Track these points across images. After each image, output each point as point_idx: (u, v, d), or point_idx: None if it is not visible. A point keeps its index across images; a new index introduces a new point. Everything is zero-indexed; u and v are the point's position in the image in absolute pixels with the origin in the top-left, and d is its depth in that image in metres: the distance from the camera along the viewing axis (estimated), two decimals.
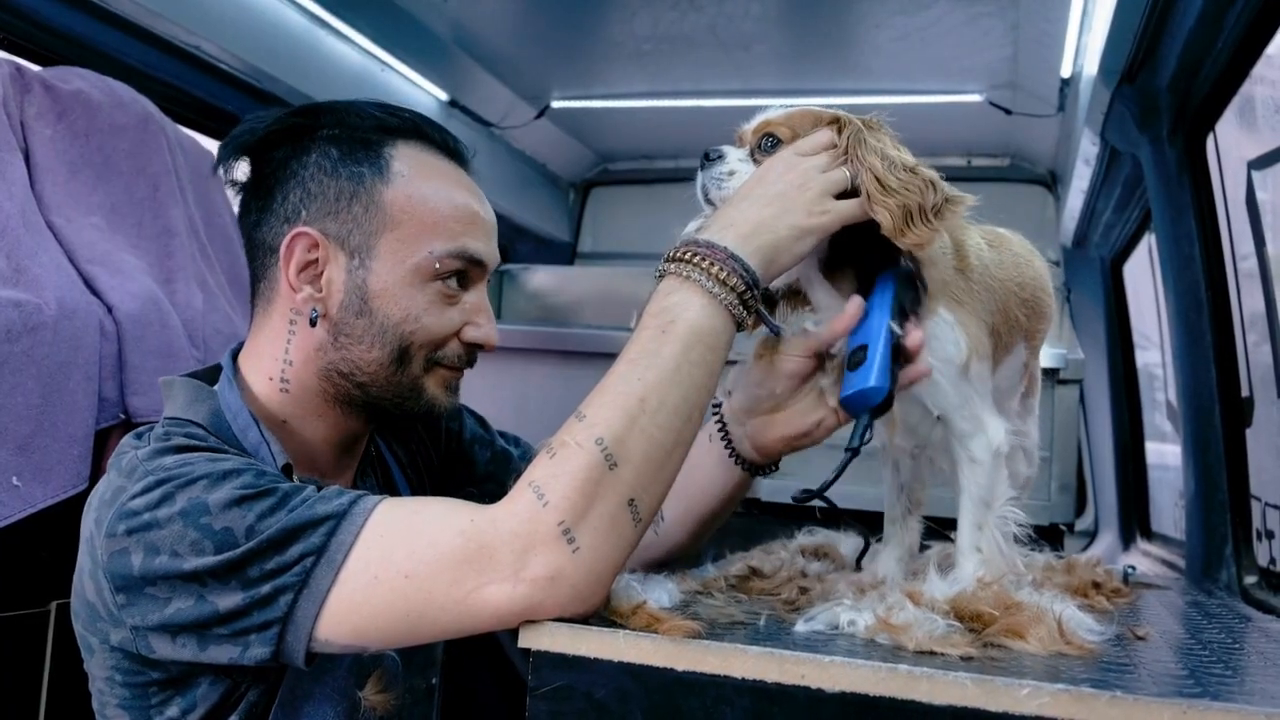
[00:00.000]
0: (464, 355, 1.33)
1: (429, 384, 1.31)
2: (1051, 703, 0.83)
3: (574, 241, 4.05)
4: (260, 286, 1.33)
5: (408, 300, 1.26)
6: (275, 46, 2.40)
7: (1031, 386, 1.47)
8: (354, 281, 1.25)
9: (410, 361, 1.28)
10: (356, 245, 1.25)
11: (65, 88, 1.84)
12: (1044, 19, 2.36)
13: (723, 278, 1.08)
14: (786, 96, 1.31)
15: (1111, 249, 3.06)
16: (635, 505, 1.03)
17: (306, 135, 1.29)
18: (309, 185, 1.27)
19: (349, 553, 1.03)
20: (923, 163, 1.17)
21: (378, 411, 1.33)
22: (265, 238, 1.29)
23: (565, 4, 2.54)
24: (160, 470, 1.10)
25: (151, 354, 1.76)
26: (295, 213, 1.27)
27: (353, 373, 1.27)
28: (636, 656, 0.95)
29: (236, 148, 1.31)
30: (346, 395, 1.30)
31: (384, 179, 1.27)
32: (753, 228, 1.12)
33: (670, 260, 1.12)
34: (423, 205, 1.27)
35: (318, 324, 1.26)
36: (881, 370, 1.15)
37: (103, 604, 1.10)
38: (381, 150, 1.28)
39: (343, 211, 1.26)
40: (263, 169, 1.31)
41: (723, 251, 1.09)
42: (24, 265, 1.59)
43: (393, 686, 1.29)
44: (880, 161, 1.13)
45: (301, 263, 1.26)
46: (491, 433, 1.65)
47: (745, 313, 1.11)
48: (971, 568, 1.14)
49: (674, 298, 1.09)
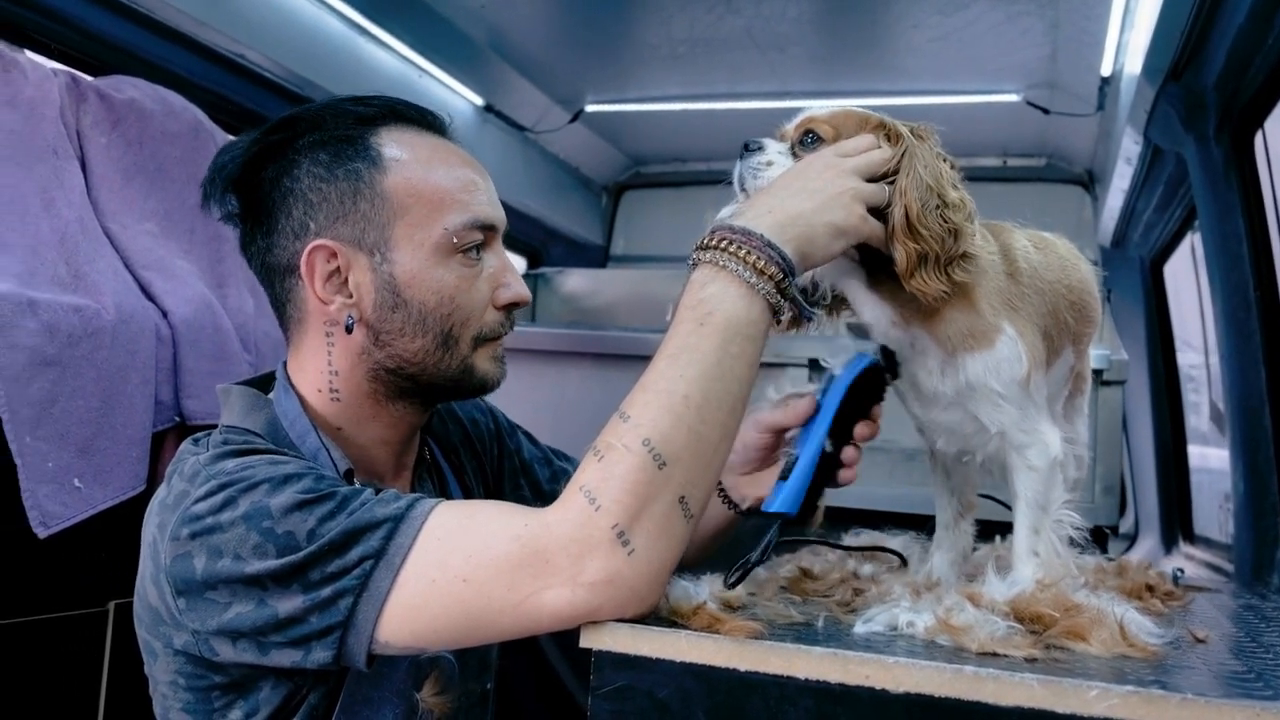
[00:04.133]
0: (504, 321, 1.34)
1: (478, 361, 1.32)
2: (1121, 704, 0.82)
3: (606, 244, 4.06)
4: (287, 310, 1.32)
5: (437, 281, 1.26)
6: (316, 53, 2.43)
7: (1079, 387, 1.46)
8: (381, 278, 1.25)
9: (457, 343, 1.29)
10: (373, 241, 1.25)
11: (119, 96, 1.87)
12: (1084, 17, 2.35)
13: (760, 266, 1.06)
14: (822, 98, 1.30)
15: (1152, 249, 3.03)
16: (685, 502, 1.03)
17: (288, 148, 1.28)
18: (309, 196, 1.26)
19: (407, 556, 1.03)
20: (961, 174, 1.16)
21: (433, 395, 1.34)
22: (279, 260, 1.28)
23: (601, 8, 2.56)
24: (222, 474, 1.10)
25: (205, 358, 1.79)
26: (303, 228, 1.26)
27: (401, 366, 1.28)
28: (699, 657, 0.95)
29: (221, 182, 1.30)
30: (398, 389, 1.30)
31: (380, 168, 1.26)
32: (789, 217, 1.09)
33: (704, 248, 1.09)
34: (425, 184, 1.26)
35: (354, 329, 1.26)
36: (796, 495, 1.19)
37: (165, 608, 1.11)
38: (368, 141, 1.27)
39: (350, 212, 1.25)
40: (254, 195, 1.29)
41: (759, 239, 1.06)
42: (83, 271, 1.62)
43: (449, 689, 1.29)
44: (918, 198, 1.11)
45: (325, 274, 1.25)
46: (544, 449, 1.67)
47: (782, 301, 1.08)
48: (1030, 570, 1.13)
49: (710, 288, 1.07)
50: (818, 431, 1.23)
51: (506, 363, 1.38)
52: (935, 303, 1.12)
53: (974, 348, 1.15)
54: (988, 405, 1.16)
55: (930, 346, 1.17)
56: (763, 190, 1.16)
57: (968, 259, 1.12)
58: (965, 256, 1.12)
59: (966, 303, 1.15)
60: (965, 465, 1.29)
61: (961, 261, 1.11)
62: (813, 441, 1.23)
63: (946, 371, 1.17)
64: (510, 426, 1.65)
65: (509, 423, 1.66)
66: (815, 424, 1.24)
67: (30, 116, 1.71)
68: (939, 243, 1.10)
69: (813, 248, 1.10)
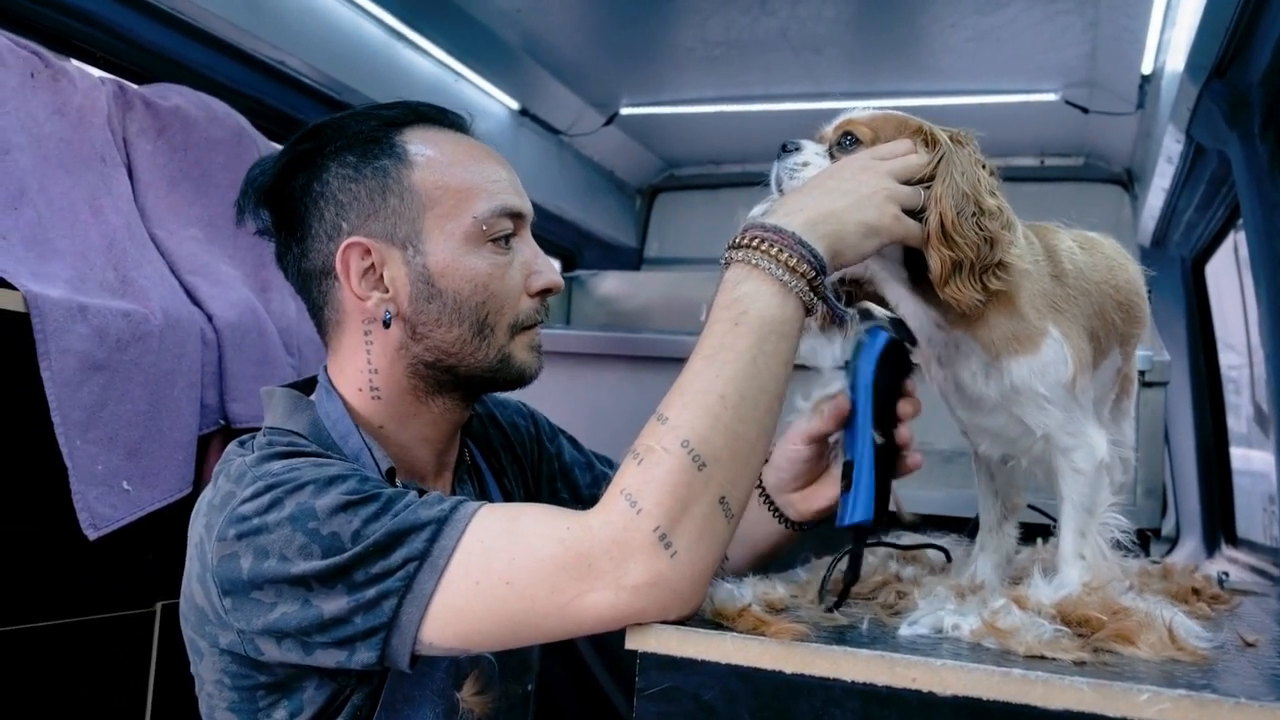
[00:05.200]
0: (539, 308, 1.35)
1: (515, 351, 1.33)
2: (1172, 708, 0.81)
3: (641, 247, 4.07)
4: (325, 314, 1.33)
5: (470, 269, 1.27)
6: (354, 59, 2.46)
7: (1126, 389, 1.45)
8: (415, 270, 1.27)
9: (493, 333, 1.30)
10: (405, 235, 1.27)
11: (164, 104, 1.90)
12: (1125, 15, 2.33)
13: (792, 264, 1.05)
14: (858, 99, 1.29)
15: (1193, 248, 3.00)
16: (726, 502, 1.03)
17: (317, 156, 1.30)
18: (339, 197, 1.28)
19: (451, 558, 1.04)
20: (999, 181, 1.15)
21: (472, 387, 1.35)
22: (315, 264, 1.31)
23: (635, 11, 2.56)
24: (268, 476, 1.12)
25: (250, 361, 1.81)
26: (336, 228, 1.28)
27: (439, 359, 1.29)
28: (745, 659, 0.95)
29: (256, 195, 1.33)
30: (438, 382, 1.31)
31: (406, 164, 1.28)
32: (821, 215, 1.08)
33: (736, 246, 1.09)
34: (451, 177, 1.28)
35: (392, 324, 1.28)
36: (867, 500, 1.13)
37: (211, 608, 1.12)
38: (394, 140, 1.29)
39: (380, 208, 1.27)
40: (286, 205, 1.32)
41: (790, 237, 1.06)
42: (131, 277, 1.64)
43: (490, 688, 1.30)
44: (954, 204, 1.10)
45: (360, 271, 1.27)
46: (586, 454, 1.66)
47: (815, 299, 1.08)
48: (1076, 573, 1.12)
49: (744, 287, 1.07)
50: (863, 427, 1.17)
51: (543, 358, 1.39)
52: (971, 311, 1.11)
53: (1018, 351, 1.13)
54: (1033, 409, 1.15)
55: (974, 350, 1.16)
56: (795, 189, 1.15)
57: (1004, 268, 1.10)
58: (1001, 265, 1.10)
59: (1010, 306, 1.13)
60: (1010, 468, 1.28)
61: (997, 270, 1.10)
62: (862, 439, 1.17)
63: (991, 375, 1.16)
64: (552, 430, 1.65)
65: (550, 426, 1.66)
66: (857, 421, 1.18)
67: (79, 125, 1.75)
68: (974, 250, 1.09)
69: (844, 246, 1.09)
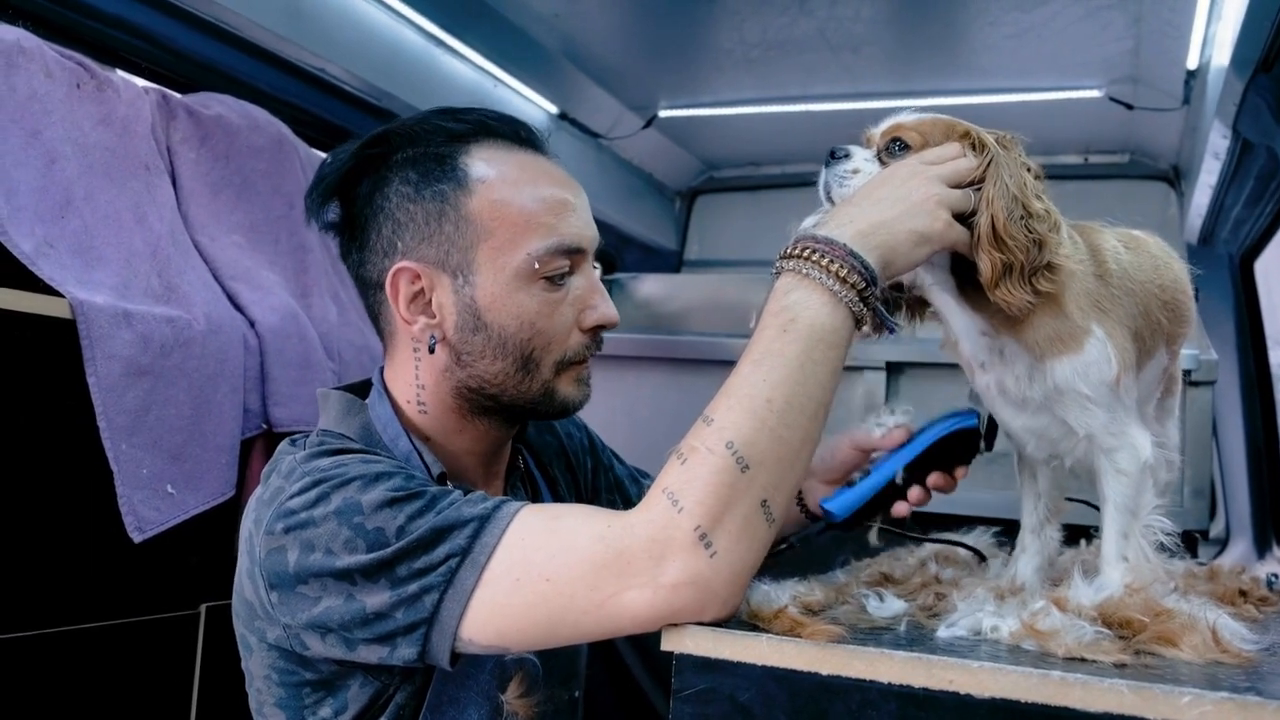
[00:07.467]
0: (590, 344, 1.34)
1: (560, 386, 1.33)
2: (1214, 711, 0.80)
3: (680, 249, 4.06)
4: (380, 321, 1.36)
5: (517, 306, 1.27)
6: (394, 66, 2.48)
7: (1171, 388, 1.43)
8: (463, 300, 1.27)
9: (538, 368, 1.30)
10: (456, 264, 1.27)
11: (206, 112, 1.93)
12: (1169, 10, 2.29)
13: (842, 275, 1.06)
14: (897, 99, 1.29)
15: (1241, 245, 2.94)
16: (768, 506, 1.03)
17: (382, 164, 1.30)
18: (397, 215, 1.28)
19: (492, 554, 1.05)
20: (1045, 183, 1.14)
21: (515, 415, 1.36)
22: (370, 276, 1.32)
23: (672, 13, 2.56)
24: (317, 471, 1.13)
25: (291, 366, 1.83)
26: (391, 247, 1.29)
27: (482, 387, 1.30)
28: (781, 660, 0.95)
29: (324, 191, 1.33)
30: (481, 407, 1.32)
31: (466, 190, 1.27)
32: (872, 226, 1.09)
33: (787, 257, 1.10)
34: (509, 207, 1.27)
35: (437, 349, 1.29)
36: (852, 504, 1.31)
37: (259, 602, 1.14)
38: (457, 161, 1.28)
39: (435, 234, 1.27)
40: (351, 208, 1.33)
41: (842, 248, 1.06)
42: (174, 283, 1.67)
43: (534, 691, 1.30)
44: (1004, 207, 1.10)
45: (409, 296, 1.27)
46: (630, 469, 1.70)
47: (865, 310, 1.08)
48: (1119, 575, 1.10)
49: (793, 296, 1.07)
50: (898, 460, 1.32)
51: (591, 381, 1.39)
52: (1020, 313, 1.11)
53: (1062, 351, 1.13)
54: (1076, 409, 1.14)
55: (1019, 353, 1.15)
56: (847, 199, 1.16)
57: (1053, 269, 1.10)
58: (1050, 267, 1.10)
59: (1054, 306, 1.12)
60: (1053, 469, 1.27)
61: (1046, 272, 1.10)
62: (888, 467, 1.32)
63: (1035, 376, 1.15)
64: (601, 444, 1.67)
65: (600, 440, 1.68)
66: (899, 453, 1.33)
67: (124, 134, 1.78)
68: (1024, 253, 1.09)
69: (895, 255, 1.09)
